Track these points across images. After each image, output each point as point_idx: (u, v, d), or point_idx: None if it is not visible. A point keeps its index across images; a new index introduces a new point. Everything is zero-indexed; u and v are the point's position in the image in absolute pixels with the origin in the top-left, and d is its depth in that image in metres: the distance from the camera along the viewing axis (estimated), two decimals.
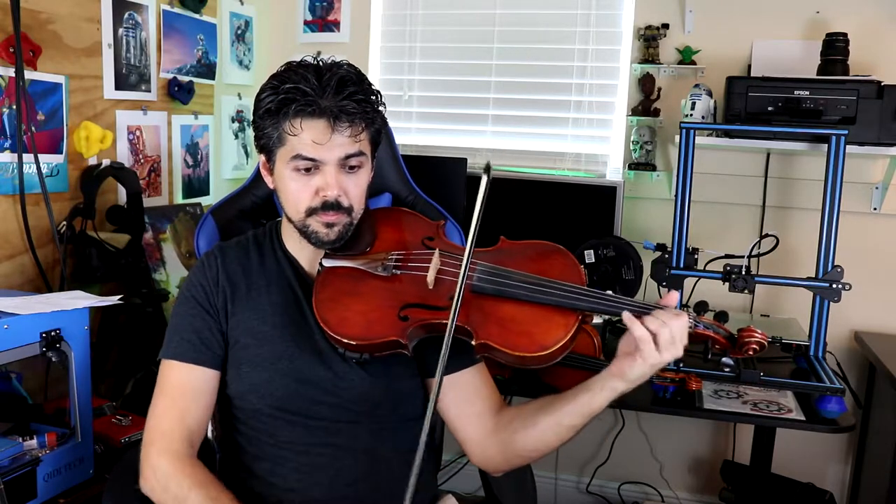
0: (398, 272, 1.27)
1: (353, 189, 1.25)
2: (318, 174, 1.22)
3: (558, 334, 1.16)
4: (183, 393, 1.26)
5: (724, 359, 1.20)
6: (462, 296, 1.12)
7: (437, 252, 1.27)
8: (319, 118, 1.19)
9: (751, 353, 1.18)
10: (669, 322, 1.12)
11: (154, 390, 1.28)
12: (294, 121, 1.20)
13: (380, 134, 1.30)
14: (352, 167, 1.24)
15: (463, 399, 1.32)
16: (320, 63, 1.23)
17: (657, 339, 1.12)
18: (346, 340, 1.20)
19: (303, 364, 1.26)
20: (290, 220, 1.29)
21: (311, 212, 1.24)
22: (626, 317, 1.14)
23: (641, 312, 1.15)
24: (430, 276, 1.23)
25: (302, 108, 1.19)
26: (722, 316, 1.22)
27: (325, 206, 1.23)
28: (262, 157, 1.29)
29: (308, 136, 1.20)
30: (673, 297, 1.17)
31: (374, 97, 1.24)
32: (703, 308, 1.21)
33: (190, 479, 1.19)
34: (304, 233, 1.27)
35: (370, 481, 1.28)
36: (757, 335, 1.17)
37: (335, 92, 1.19)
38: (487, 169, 1.15)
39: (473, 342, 1.17)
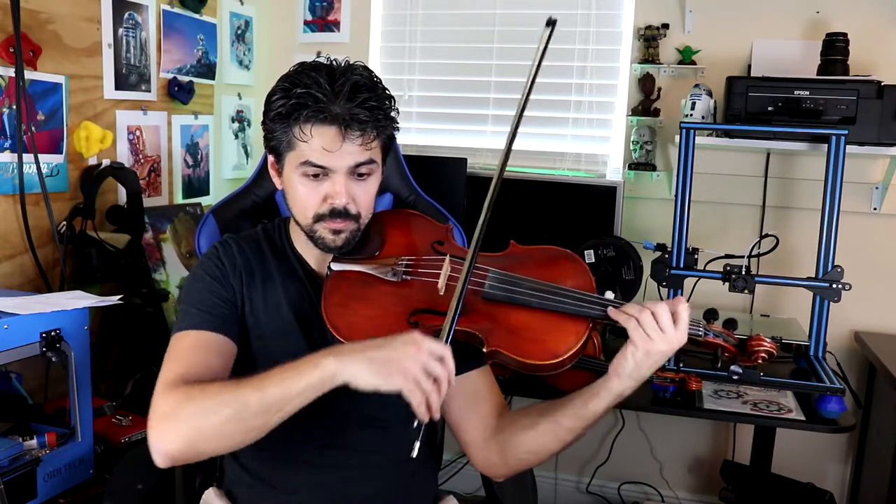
0: (408, 278, 1.26)
1: (363, 196, 1.23)
2: (327, 181, 1.20)
3: (569, 342, 1.15)
4: (193, 351, 1.17)
5: (732, 367, 1.20)
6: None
7: (447, 258, 1.26)
8: (331, 125, 1.17)
9: (760, 360, 1.18)
10: (649, 306, 1.11)
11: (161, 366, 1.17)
12: (305, 126, 1.17)
13: (392, 140, 1.28)
14: (361, 174, 1.22)
15: (466, 401, 1.31)
16: (334, 64, 1.21)
17: (641, 324, 1.10)
18: None
19: None
20: (297, 222, 1.28)
21: (318, 218, 1.22)
22: (611, 311, 1.13)
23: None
24: (441, 283, 1.22)
25: (313, 115, 1.16)
26: (731, 323, 1.21)
27: (332, 214, 1.21)
28: (271, 158, 1.27)
29: (318, 142, 1.17)
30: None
31: (387, 103, 1.22)
32: (713, 316, 1.20)
33: (200, 383, 1.09)
34: (311, 237, 1.25)
35: (377, 485, 1.27)
36: (766, 344, 1.17)
37: (347, 98, 1.16)
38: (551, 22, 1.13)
39: (484, 349, 1.16)
